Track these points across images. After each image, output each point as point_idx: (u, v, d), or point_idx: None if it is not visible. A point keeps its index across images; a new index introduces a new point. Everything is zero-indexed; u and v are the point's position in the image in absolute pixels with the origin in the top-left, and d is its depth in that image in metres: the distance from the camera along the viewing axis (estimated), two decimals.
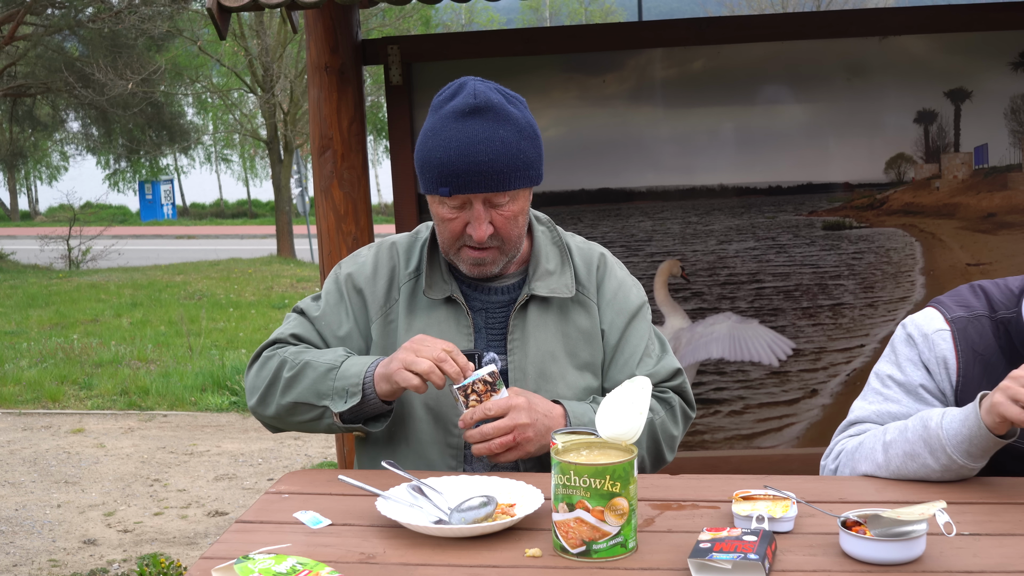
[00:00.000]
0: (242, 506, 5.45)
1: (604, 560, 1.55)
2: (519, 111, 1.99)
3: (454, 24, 31.43)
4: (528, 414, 1.92)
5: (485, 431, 1.91)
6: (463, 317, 2.08)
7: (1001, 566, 1.50)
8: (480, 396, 1.92)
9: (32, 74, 20.14)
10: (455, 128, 1.94)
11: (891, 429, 1.91)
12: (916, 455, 1.84)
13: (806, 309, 3.99)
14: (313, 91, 3.79)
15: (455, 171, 1.93)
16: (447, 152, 1.93)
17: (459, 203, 1.98)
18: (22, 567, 4.66)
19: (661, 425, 2.10)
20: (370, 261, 2.16)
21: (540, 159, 2.02)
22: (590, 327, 2.12)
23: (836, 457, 2.00)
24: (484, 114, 1.94)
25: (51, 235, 20.17)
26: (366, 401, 1.97)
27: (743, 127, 3.95)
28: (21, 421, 7.45)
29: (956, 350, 1.94)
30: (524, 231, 2.07)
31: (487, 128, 1.93)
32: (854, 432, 2.02)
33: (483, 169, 1.92)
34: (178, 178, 40.92)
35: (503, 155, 1.93)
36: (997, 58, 3.82)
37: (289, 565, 1.51)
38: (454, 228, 2.00)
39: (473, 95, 1.96)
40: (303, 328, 2.15)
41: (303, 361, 2.04)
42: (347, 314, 2.13)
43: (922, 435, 1.83)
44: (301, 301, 2.23)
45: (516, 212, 2.00)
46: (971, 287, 2.03)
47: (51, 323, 11.83)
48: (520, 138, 1.96)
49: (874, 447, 1.91)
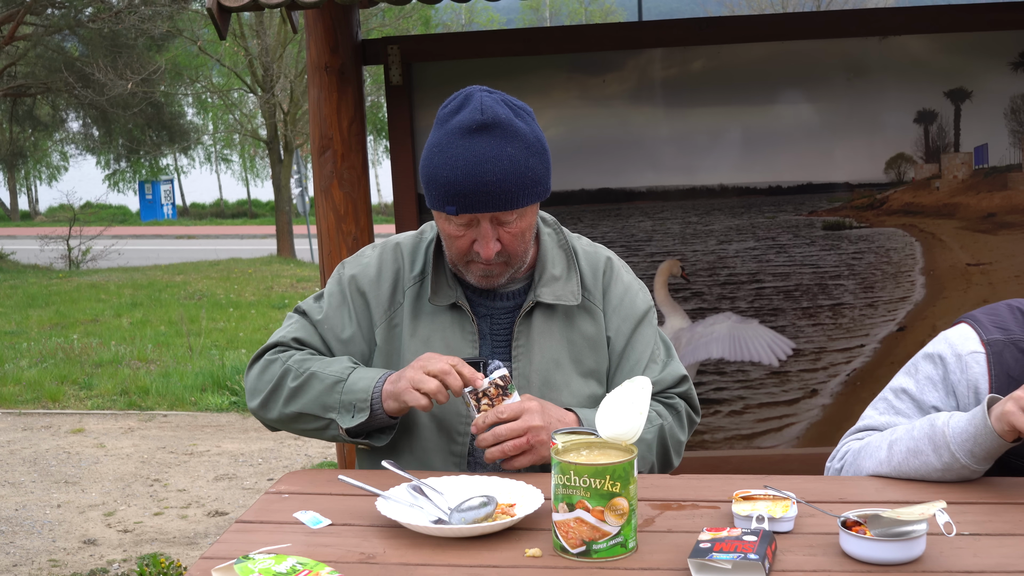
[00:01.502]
0: (242, 506, 5.45)
1: (604, 560, 1.55)
2: (527, 125, 1.95)
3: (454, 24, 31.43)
4: (542, 417, 1.91)
5: (499, 432, 1.89)
6: (468, 323, 2.06)
7: (1001, 566, 1.50)
8: (492, 400, 1.90)
9: (32, 74, 20.14)
10: (462, 146, 1.90)
11: (898, 429, 1.92)
12: (919, 452, 1.84)
13: (806, 309, 3.99)
14: (313, 91, 3.79)
15: (462, 191, 1.89)
16: (454, 171, 1.89)
17: (466, 221, 1.94)
18: (22, 567, 4.66)
19: (670, 431, 2.09)
20: (374, 263, 2.14)
21: (548, 173, 1.99)
22: (595, 334, 2.10)
23: (842, 458, 2.01)
24: (492, 131, 1.90)
25: (51, 235, 20.17)
26: (373, 416, 1.97)
27: (743, 127, 3.95)
28: (21, 421, 7.45)
29: (990, 375, 1.86)
30: (531, 243, 2.05)
31: (495, 146, 1.89)
32: (861, 436, 2.02)
33: (491, 189, 1.88)
34: (178, 178, 40.93)
35: (511, 174, 1.89)
36: (997, 58, 3.82)
37: (289, 565, 1.50)
38: (461, 245, 1.98)
39: (480, 110, 1.91)
40: (305, 332, 2.14)
41: (309, 371, 2.02)
42: (350, 317, 2.11)
43: (928, 432, 1.83)
44: (303, 302, 2.21)
45: (524, 228, 1.98)
46: (1009, 306, 1.92)
47: (51, 323, 11.83)
48: (528, 154, 1.92)
49: (879, 445, 1.92)
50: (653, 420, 2.05)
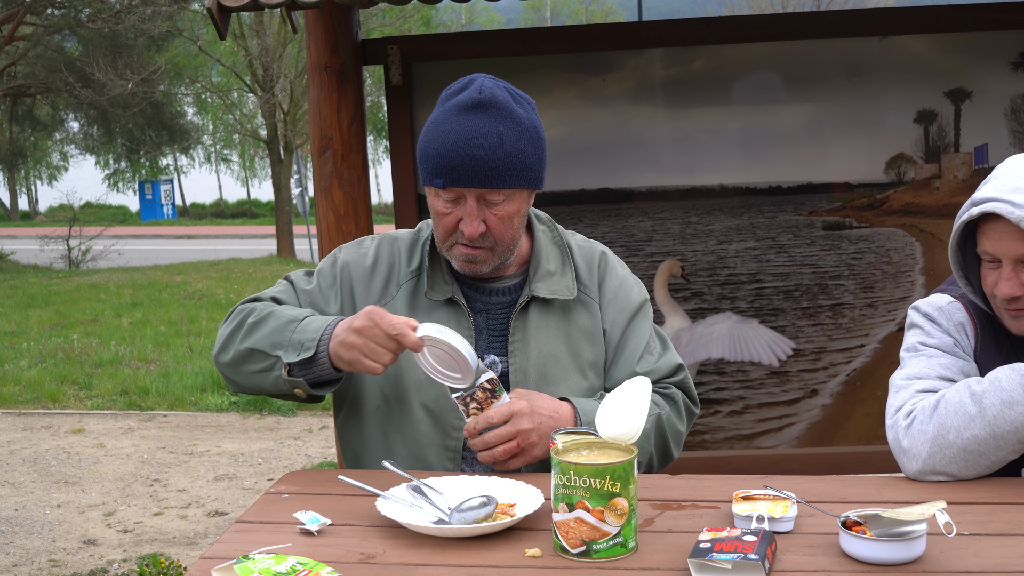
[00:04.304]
0: (242, 506, 5.45)
1: (604, 560, 1.55)
2: (524, 111, 1.97)
3: (454, 24, 31.42)
4: (530, 419, 1.91)
5: (487, 439, 1.90)
6: (464, 319, 2.07)
7: (1001, 566, 1.50)
8: (480, 404, 1.90)
9: (32, 74, 20.14)
10: (456, 121, 1.93)
11: (974, 381, 1.86)
12: (1016, 402, 1.79)
13: (806, 309, 3.99)
14: (313, 91, 3.79)
15: (450, 163, 1.92)
16: (444, 144, 1.93)
17: (453, 197, 1.96)
18: (22, 567, 4.66)
19: (668, 420, 2.09)
20: (371, 253, 2.15)
21: (541, 162, 1.99)
22: (592, 326, 2.11)
23: (909, 415, 1.91)
24: (487, 109, 1.93)
25: (51, 235, 20.16)
26: (317, 360, 1.94)
27: (743, 127, 3.95)
28: (21, 421, 7.45)
29: (971, 316, 2.01)
30: (519, 234, 2.05)
31: (487, 123, 1.92)
32: (923, 388, 1.94)
33: (478, 164, 1.91)
34: (178, 178, 40.93)
35: (500, 152, 1.91)
36: (997, 58, 3.82)
37: (289, 565, 1.50)
38: (448, 223, 1.99)
39: (479, 90, 1.95)
40: (287, 295, 2.13)
41: (269, 311, 2.03)
42: (335, 297, 2.12)
43: (1021, 383, 1.80)
44: (293, 272, 2.21)
45: (511, 213, 1.98)
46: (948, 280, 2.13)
47: (51, 323, 11.82)
48: (520, 138, 1.94)
49: (961, 400, 1.84)
50: (650, 410, 2.04)
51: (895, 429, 1.93)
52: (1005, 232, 1.85)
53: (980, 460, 1.83)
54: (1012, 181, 1.85)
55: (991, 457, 1.83)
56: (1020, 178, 1.85)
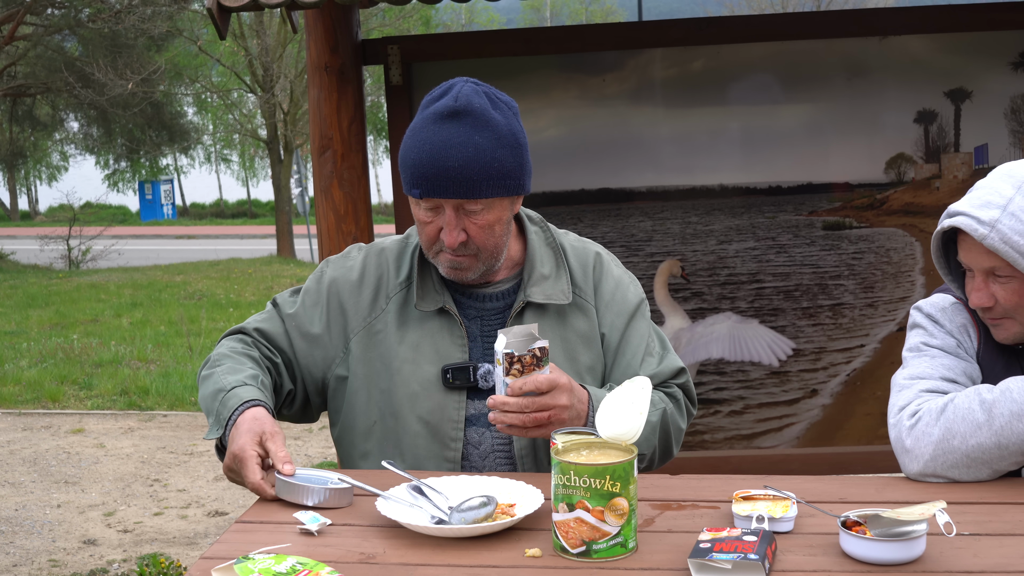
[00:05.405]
0: (242, 506, 5.45)
1: (604, 560, 1.55)
2: (503, 117, 1.93)
3: (454, 24, 31.43)
4: (569, 396, 1.87)
5: (523, 404, 1.83)
6: (456, 328, 2.04)
7: (1001, 566, 1.50)
8: (524, 368, 1.84)
9: (32, 74, 20.13)
10: (431, 130, 1.91)
11: (984, 389, 1.85)
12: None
13: (806, 309, 3.99)
14: (313, 91, 3.79)
15: (425, 174, 1.89)
16: (420, 154, 1.90)
17: (432, 206, 1.94)
18: (22, 567, 4.67)
19: (671, 416, 2.07)
20: (358, 266, 2.12)
21: (521, 169, 1.95)
22: (589, 330, 2.09)
23: (914, 415, 1.90)
24: (462, 118, 1.89)
25: (51, 235, 20.16)
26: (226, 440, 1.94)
27: (743, 127, 3.95)
28: (21, 421, 7.45)
29: (973, 317, 2.01)
30: (503, 240, 2.01)
31: (462, 133, 1.89)
32: (927, 388, 1.94)
33: (452, 175, 1.88)
34: (178, 178, 40.93)
35: (474, 162, 1.88)
36: (997, 58, 3.82)
37: (289, 565, 1.50)
38: (430, 232, 1.97)
39: (455, 98, 1.91)
40: (270, 324, 2.13)
41: (212, 370, 2.03)
42: (320, 317, 2.10)
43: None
44: (279, 294, 2.20)
45: (491, 221, 1.95)
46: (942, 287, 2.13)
47: (51, 323, 11.82)
48: (497, 146, 1.90)
49: (971, 407, 1.83)
50: (656, 404, 2.03)
51: (898, 428, 1.92)
52: (973, 245, 1.87)
53: (982, 468, 1.83)
54: (984, 195, 1.85)
55: (993, 466, 1.83)
56: (993, 192, 1.84)
